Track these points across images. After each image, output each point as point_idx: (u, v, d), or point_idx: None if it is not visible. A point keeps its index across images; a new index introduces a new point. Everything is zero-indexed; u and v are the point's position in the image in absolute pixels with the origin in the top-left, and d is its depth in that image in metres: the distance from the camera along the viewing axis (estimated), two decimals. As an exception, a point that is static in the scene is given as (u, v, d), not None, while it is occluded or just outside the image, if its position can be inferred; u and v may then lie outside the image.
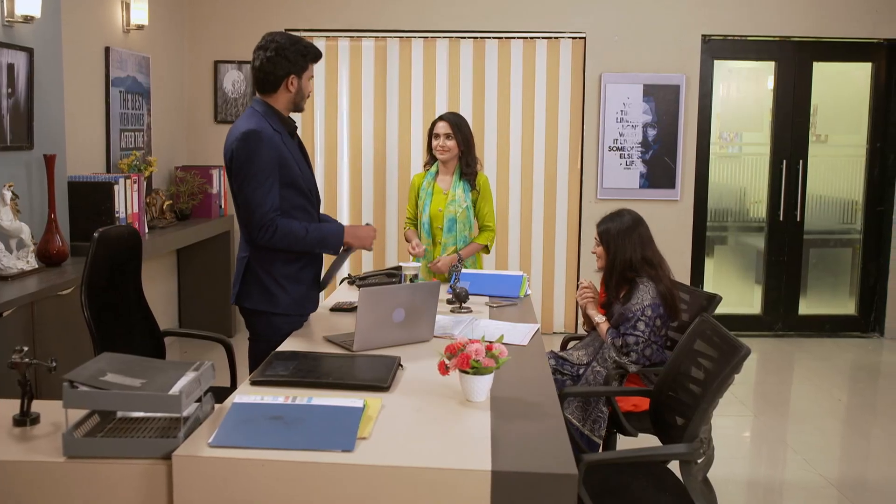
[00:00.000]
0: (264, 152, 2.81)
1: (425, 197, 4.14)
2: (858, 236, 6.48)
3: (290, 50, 2.91)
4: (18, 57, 3.63)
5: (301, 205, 2.98)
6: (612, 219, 3.21)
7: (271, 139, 2.84)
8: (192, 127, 6.17)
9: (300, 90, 2.98)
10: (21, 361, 1.98)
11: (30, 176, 3.77)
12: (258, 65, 2.93)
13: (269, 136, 2.84)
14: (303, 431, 1.83)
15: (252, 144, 2.80)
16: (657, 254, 3.16)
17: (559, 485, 1.69)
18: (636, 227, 3.14)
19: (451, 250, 4.09)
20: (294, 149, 3.00)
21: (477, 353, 2.07)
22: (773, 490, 3.70)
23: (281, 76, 2.92)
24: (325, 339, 2.77)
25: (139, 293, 3.15)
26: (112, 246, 2.94)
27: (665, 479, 2.41)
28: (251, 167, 2.80)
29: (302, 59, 2.94)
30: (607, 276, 3.22)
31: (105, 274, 2.91)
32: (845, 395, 5.12)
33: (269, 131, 2.86)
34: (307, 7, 6.06)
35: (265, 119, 2.90)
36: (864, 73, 6.33)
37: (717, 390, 2.19)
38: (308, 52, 2.96)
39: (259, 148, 2.80)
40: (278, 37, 2.93)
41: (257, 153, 2.80)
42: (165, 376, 1.93)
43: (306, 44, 2.98)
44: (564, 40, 6.09)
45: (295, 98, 2.99)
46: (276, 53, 2.89)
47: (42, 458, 1.80)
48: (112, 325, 2.90)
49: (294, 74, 2.94)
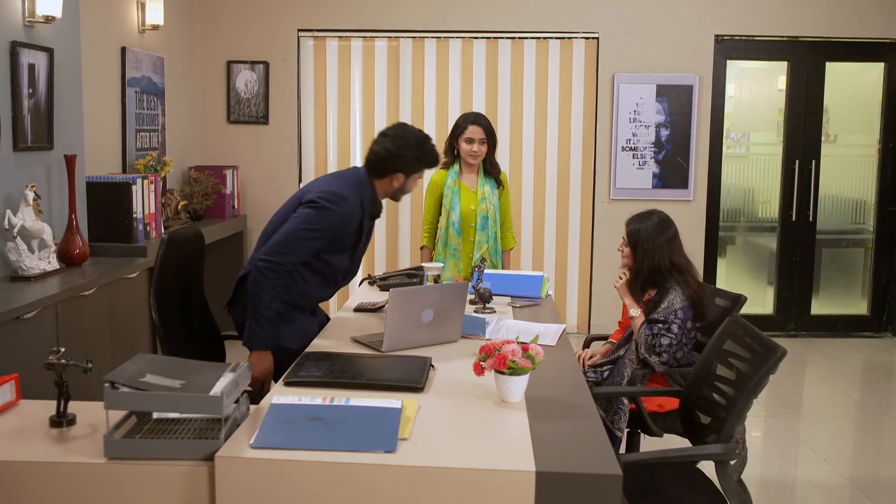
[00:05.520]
0: (337, 219, 2.82)
1: (452, 195, 4.12)
2: (870, 236, 6.47)
3: (409, 151, 2.91)
4: (39, 57, 3.63)
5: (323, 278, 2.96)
6: (641, 219, 3.17)
7: (347, 216, 2.85)
8: (206, 127, 6.17)
9: (403, 188, 3.01)
10: (58, 362, 1.98)
11: (49, 176, 3.77)
12: (376, 149, 2.94)
13: (352, 210, 2.85)
14: (343, 432, 1.83)
15: (335, 206, 2.80)
16: (684, 257, 3.14)
17: (603, 485, 1.69)
18: (665, 231, 3.11)
19: (484, 248, 4.12)
20: (364, 233, 3.01)
21: (513, 353, 2.07)
22: (788, 488, 3.70)
23: (390, 169, 2.93)
24: (352, 339, 2.77)
25: (202, 295, 3.17)
26: (179, 248, 2.96)
27: (697, 480, 2.41)
28: (319, 220, 2.79)
29: (416, 164, 2.95)
30: (633, 278, 3.19)
31: (171, 276, 2.93)
32: (858, 395, 5.12)
33: (356, 207, 2.87)
34: (320, 7, 6.06)
35: (360, 192, 2.90)
36: (876, 72, 6.33)
37: (752, 390, 2.19)
38: (424, 160, 2.97)
39: (334, 214, 2.81)
40: (407, 132, 2.95)
41: (332, 215, 2.81)
42: (204, 377, 1.93)
43: (428, 149, 2.97)
44: (577, 40, 6.08)
45: (395, 192, 3.02)
46: (394, 147, 2.91)
47: (82, 460, 1.79)
48: (177, 328, 2.92)
49: (402, 173, 2.95)
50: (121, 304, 3.76)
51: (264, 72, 6.09)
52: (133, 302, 3.90)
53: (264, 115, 6.14)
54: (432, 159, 2.99)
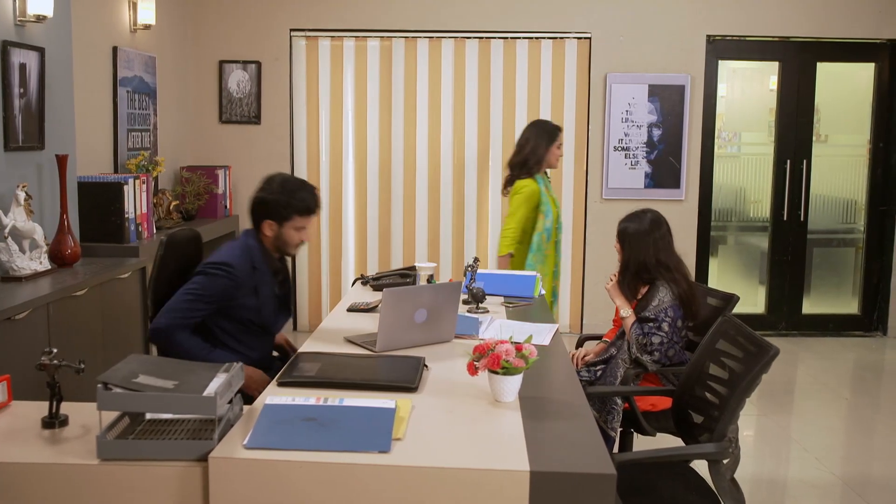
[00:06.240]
0: (218, 287, 2.76)
1: (547, 202, 4.23)
2: (861, 236, 6.51)
3: (272, 195, 2.82)
4: (30, 57, 3.61)
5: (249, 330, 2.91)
6: (631, 219, 3.20)
7: (235, 282, 2.77)
8: (198, 127, 6.16)
9: (280, 236, 2.86)
10: (50, 363, 1.97)
11: (41, 176, 3.75)
12: (252, 196, 2.87)
13: (236, 277, 2.77)
14: (338, 432, 1.83)
15: (218, 274, 2.76)
16: (673, 256, 3.15)
17: (597, 485, 1.69)
18: (654, 230, 3.13)
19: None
20: (265, 289, 2.90)
21: (507, 353, 2.07)
22: (780, 486, 3.71)
23: (261, 215, 2.85)
24: (345, 339, 2.76)
25: None
26: (178, 249, 2.95)
27: (690, 479, 2.41)
28: (200, 288, 2.76)
29: (284, 210, 2.82)
30: (621, 275, 3.22)
31: (168, 278, 2.92)
32: (850, 394, 5.14)
33: (240, 273, 2.78)
34: (312, 7, 6.05)
35: (249, 256, 2.84)
36: (866, 73, 6.36)
37: (745, 390, 2.20)
38: (292, 205, 2.82)
39: (218, 281, 2.76)
40: (276, 177, 2.87)
41: (213, 282, 2.76)
42: (197, 378, 1.92)
43: (299, 196, 2.83)
44: (570, 40, 6.09)
45: (278, 243, 2.89)
46: (261, 192, 2.85)
47: (75, 461, 1.78)
48: None
49: (273, 220, 2.84)
50: (113, 304, 3.74)
51: (256, 71, 6.08)
52: (125, 302, 3.88)
53: (256, 114, 6.12)
54: (301, 206, 2.83)
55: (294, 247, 2.90)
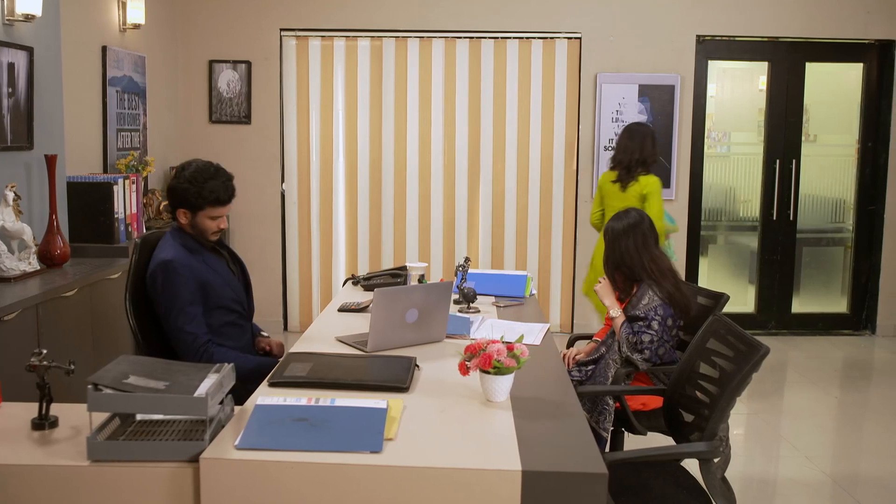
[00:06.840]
0: (181, 283, 2.75)
1: None
2: (850, 235, 6.54)
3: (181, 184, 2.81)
4: (19, 56, 3.59)
5: (231, 321, 2.92)
6: (617, 218, 3.22)
7: (187, 267, 2.77)
8: (188, 127, 6.13)
9: (195, 224, 2.85)
10: (39, 364, 1.96)
11: (30, 176, 3.73)
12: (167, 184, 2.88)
13: (183, 264, 2.77)
14: (329, 433, 1.83)
15: (169, 275, 2.74)
16: (656, 255, 3.16)
17: (589, 484, 1.69)
18: (635, 229, 3.14)
19: None
20: (219, 265, 2.92)
21: (498, 353, 2.07)
22: (770, 485, 3.73)
23: (174, 205, 2.86)
24: (337, 339, 2.76)
25: None
26: (152, 251, 2.92)
27: (681, 478, 2.42)
28: (173, 299, 2.74)
29: (195, 200, 2.81)
30: (607, 274, 3.24)
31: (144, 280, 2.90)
32: (839, 392, 5.17)
33: (182, 259, 2.78)
34: (302, 6, 6.04)
35: (180, 242, 2.83)
36: (855, 73, 6.39)
37: (736, 389, 2.21)
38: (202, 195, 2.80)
39: (175, 279, 2.74)
40: (188, 166, 2.85)
41: (174, 284, 2.74)
42: (188, 378, 1.92)
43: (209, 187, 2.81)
44: (560, 40, 6.10)
45: (196, 230, 2.87)
46: (172, 182, 2.85)
47: (65, 462, 1.78)
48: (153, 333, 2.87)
49: (185, 209, 2.84)
50: (103, 305, 3.73)
51: (246, 71, 6.06)
52: (115, 303, 3.86)
53: (246, 114, 6.11)
54: (211, 198, 2.81)
55: (212, 234, 2.89)
